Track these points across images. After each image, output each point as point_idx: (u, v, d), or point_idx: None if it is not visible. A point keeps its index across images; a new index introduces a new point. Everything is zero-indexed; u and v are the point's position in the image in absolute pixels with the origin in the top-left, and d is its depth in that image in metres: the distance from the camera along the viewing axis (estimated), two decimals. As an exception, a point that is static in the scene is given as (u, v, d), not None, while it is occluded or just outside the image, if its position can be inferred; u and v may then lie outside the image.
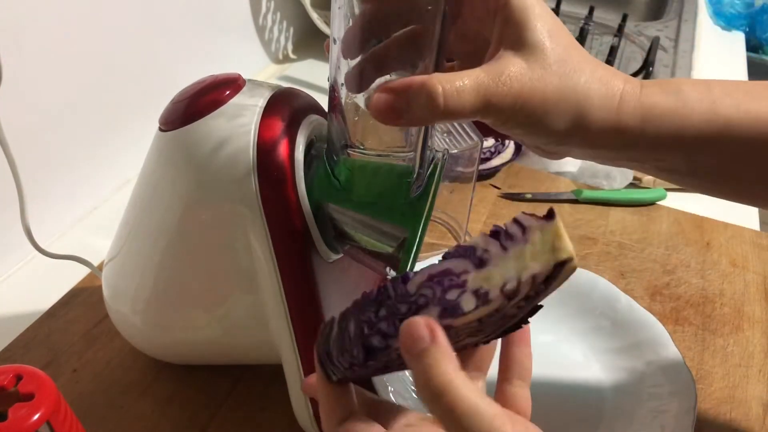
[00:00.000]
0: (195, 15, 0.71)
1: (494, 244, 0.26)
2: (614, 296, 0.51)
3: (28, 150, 0.54)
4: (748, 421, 0.47)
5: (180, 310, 0.40)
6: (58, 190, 0.59)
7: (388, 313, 0.27)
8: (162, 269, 0.39)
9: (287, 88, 0.39)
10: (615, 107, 0.31)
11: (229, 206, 0.36)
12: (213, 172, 0.35)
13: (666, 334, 0.47)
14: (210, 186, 0.36)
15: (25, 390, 0.33)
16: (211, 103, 0.36)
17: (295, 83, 0.86)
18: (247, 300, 0.38)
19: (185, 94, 0.38)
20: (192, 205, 0.37)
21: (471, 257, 0.26)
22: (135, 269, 0.41)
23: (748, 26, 1.23)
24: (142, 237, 0.40)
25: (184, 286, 0.39)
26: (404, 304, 0.27)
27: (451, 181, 0.58)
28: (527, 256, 0.25)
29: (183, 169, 0.37)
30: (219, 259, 0.38)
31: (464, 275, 0.26)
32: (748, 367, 0.51)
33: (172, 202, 0.38)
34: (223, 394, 0.46)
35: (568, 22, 1.10)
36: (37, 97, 0.54)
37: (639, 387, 0.46)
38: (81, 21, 0.55)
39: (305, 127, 0.37)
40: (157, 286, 0.40)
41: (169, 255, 0.39)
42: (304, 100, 0.39)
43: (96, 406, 0.44)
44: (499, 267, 0.25)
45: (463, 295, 0.26)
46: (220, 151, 0.35)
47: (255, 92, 0.37)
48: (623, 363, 0.48)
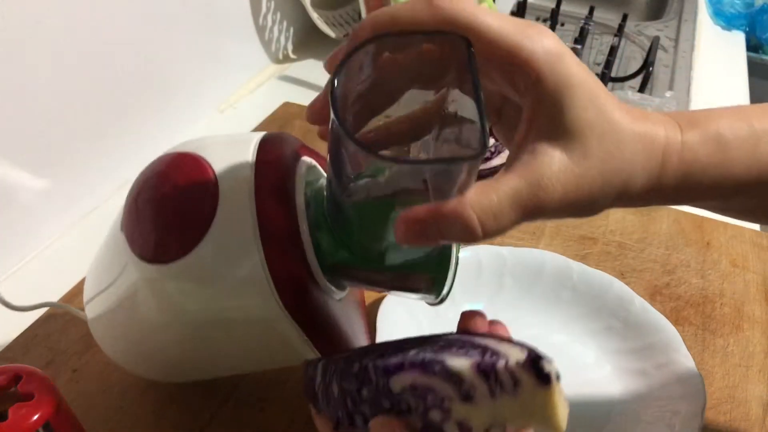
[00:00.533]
0: (195, 15, 0.71)
1: (482, 384, 0.25)
2: (628, 298, 0.51)
3: (27, 150, 0.54)
4: (748, 421, 0.47)
5: (190, 365, 0.39)
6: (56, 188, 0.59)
7: (371, 400, 0.27)
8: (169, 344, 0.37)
9: (264, 154, 0.34)
10: (657, 172, 0.29)
11: (248, 308, 0.34)
12: (225, 286, 0.33)
13: (678, 338, 0.47)
14: (224, 298, 0.34)
15: (25, 390, 0.33)
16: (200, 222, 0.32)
17: (295, 83, 0.86)
18: (264, 350, 0.37)
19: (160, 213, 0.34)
20: (206, 320, 0.35)
21: (457, 386, 0.25)
22: (131, 336, 0.38)
23: (748, 26, 1.23)
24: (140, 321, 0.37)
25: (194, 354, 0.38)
26: (387, 399, 0.26)
27: (451, 181, 0.58)
28: (516, 411, 0.24)
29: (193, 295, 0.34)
30: (240, 341, 0.36)
31: (448, 402, 0.25)
32: (748, 367, 0.51)
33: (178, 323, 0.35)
34: (223, 395, 0.46)
35: (568, 22, 1.10)
36: (36, 97, 0.54)
37: (649, 388, 0.46)
38: (80, 21, 0.55)
39: (300, 183, 0.34)
40: (164, 354, 0.38)
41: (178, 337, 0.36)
42: (288, 158, 0.35)
43: (96, 406, 0.44)
44: (486, 410, 0.25)
45: (446, 421, 0.25)
46: (228, 264, 0.33)
47: (233, 178, 0.33)
48: (634, 365, 0.48)
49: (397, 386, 0.26)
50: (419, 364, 0.26)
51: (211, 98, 0.78)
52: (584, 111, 0.27)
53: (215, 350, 0.37)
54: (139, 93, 0.65)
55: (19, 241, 0.56)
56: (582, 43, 0.94)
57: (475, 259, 0.53)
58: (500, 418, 0.24)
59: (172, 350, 0.37)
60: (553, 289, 0.53)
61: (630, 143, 0.28)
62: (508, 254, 0.54)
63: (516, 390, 0.24)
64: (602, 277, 0.53)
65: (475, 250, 0.54)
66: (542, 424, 0.24)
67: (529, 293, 0.53)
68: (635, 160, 0.28)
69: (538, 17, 1.13)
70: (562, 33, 1.07)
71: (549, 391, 0.24)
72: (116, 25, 0.60)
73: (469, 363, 0.25)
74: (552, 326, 0.52)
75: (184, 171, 0.33)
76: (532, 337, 0.54)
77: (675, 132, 0.29)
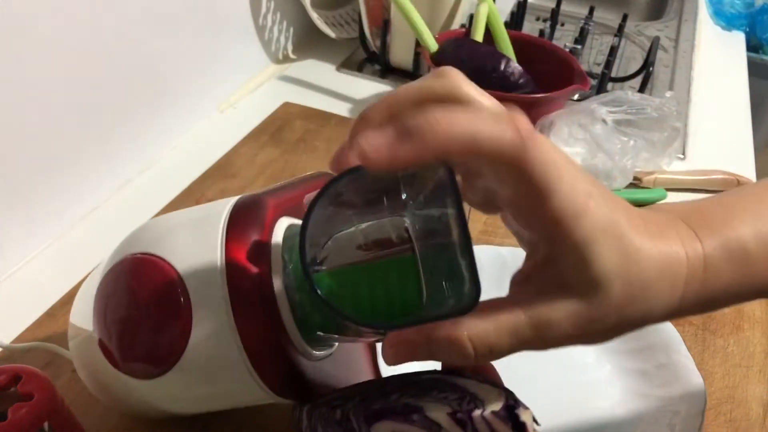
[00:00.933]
0: (195, 15, 0.71)
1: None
2: None
3: (26, 150, 0.54)
4: (748, 421, 0.47)
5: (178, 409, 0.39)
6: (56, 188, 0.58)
7: None
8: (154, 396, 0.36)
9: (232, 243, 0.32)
10: (677, 302, 0.27)
11: (234, 392, 0.34)
12: (212, 384, 0.33)
13: (679, 338, 0.47)
14: (212, 395, 0.35)
15: (25, 390, 0.33)
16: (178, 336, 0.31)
17: (295, 83, 0.86)
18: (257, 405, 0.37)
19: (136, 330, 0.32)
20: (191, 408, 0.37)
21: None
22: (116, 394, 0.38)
23: (748, 26, 1.23)
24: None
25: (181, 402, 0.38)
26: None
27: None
28: None
29: (180, 397, 0.35)
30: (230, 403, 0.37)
31: None
32: (748, 367, 0.51)
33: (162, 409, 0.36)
34: (222, 395, 0.45)
35: (568, 22, 1.10)
36: (36, 97, 0.54)
37: (649, 388, 0.46)
38: (80, 20, 0.55)
39: (278, 267, 0.31)
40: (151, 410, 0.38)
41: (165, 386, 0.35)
42: (257, 235, 0.32)
43: (96, 406, 0.44)
44: None
45: None
46: (212, 367, 0.32)
47: (202, 282, 0.31)
48: (634, 364, 0.48)
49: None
50: (399, 411, 0.26)
51: (211, 98, 0.78)
52: (609, 261, 0.25)
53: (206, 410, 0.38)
54: (139, 93, 0.65)
55: (19, 241, 0.56)
56: (582, 43, 0.94)
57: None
58: None
59: (159, 413, 0.38)
60: (553, 290, 0.53)
61: (655, 282, 0.26)
62: (508, 254, 0.54)
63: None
64: None
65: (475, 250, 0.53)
66: None
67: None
68: (658, 297, 0.26)
69: (538, 17, 1.13)
70: (563, 33, 1.07)
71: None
72: (116, 25, 0.60)
73: (446, 412, 0.25)
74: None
75: (149, 284, 0.32)
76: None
77: (694, 246, 0.27)
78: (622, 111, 0.69)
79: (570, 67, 0.72)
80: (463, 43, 0.71)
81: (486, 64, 0.67)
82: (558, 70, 0.72)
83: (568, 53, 0.75)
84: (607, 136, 0.67)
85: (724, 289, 0.28)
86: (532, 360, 0.49)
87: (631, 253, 0.25)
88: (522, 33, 0.84)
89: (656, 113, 0.69)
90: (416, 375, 0.31)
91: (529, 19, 1.08)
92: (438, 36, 0.74)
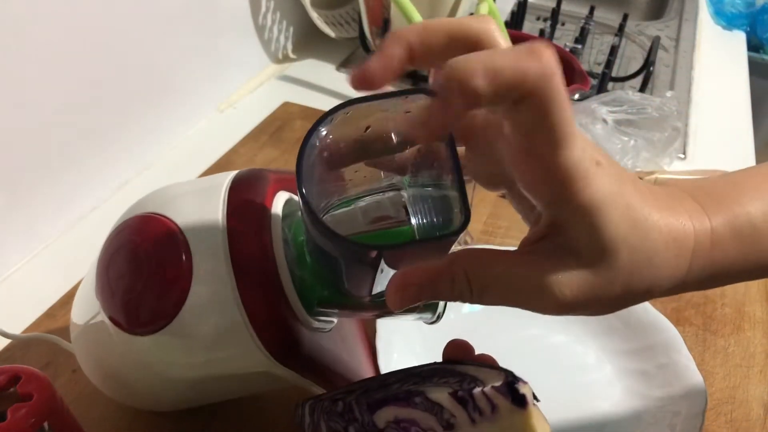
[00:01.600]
0: (195, 15, 0.70)
1: (462, 412, 0.25)
2: None
3: (26, 149, 0.54)
4: (748, 421, 0.47)
5: (179, 401, 0.39)
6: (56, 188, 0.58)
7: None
8: (155, 390, 0.37)
9: (233, 206, 0.33)
10: (683, 276, 0.27)
11: (234, 359, 0.33)
12: (210, 347, 0.32)
13: (679, 338, 0.47)
14: (210, 358, 0.33)
15: (24, 391, 0.33)
16: (178, 290, 0.31)
17: (295, 83, 0.86)
18: (258, 385, 0.37)
19: (136, 283, 0.32)
20: (192, 376, 0.34)
21: (438, 416, 0.26)
22: (120, 379, 0.38)
23: (749, 26, 1.23)
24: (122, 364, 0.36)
25: (185, 393, 0.38)
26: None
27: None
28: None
29: (177, 360, 0.33)
30: (229, 381, 0.36)
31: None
32: (749, 368, 0.51)
33: (164, 379, 0.35)
34: (222, 395, 0.45)
35: (568, 22, 1.10)
36: (35, 97, 0.54)
37: (650, 389, 0.46)
38: (80, 20, 0.55)
39: (277, 228, 0.32)
40: (151, 395, 0.38)
41: (164, 386, 0.36)
42: (259, 203, 0.33)
43: (95, 406, 0.44)
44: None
45: None
46: (210, 326, 0.32)
47: (203, 236, 0.32)
48: (635, 365, 0.48)
49: (381, 421, 0.27)
50: (401, 397, 0.26)
51: (211, 98, 0.78)
52: (617, 228, 0.25)
53: (206, 393, 0.37)
54: (139, 93, 0.65)
55: (18, 241, 0.55)
56: (582, 43, 0.94)
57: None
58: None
59: (159, 394, 0.37)
60: (553, 290, 0.53)
61: (662, 252, 0.26)
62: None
63: (494, 415, 0.25)
64: None
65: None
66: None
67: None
68: (663, 267, 0.26)
69: (538, 17, 1.12)
70: (563, 33, 1.06)
71: (525, 413, 0.24)
72: (116, 25, 0.60)
73: (447, 392, 0.25)
74: (553, 327, 0.51)
75: (152, 239, 0.32)
76: (534, 337, 0.54)
77: (702, 221, 0.27)
78: (622, 111, 0.69)
79: (570, 66, 0.72)
80: (463, 43, 0.71)
81: (486, 64, 0.67)
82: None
83: (569, 53, 0.75)
84: (608, 135, 0.67)
85: (730, 265, 0.27)
86: (533, 360, 0.50)
87: (639, 222, 0.25)
88: (522, 32, 0.84)
89: (657, 113, 0.69)
90: (416, 368, 0.31)
91: (529, 18, 1.07)
92: (438, 36, 0.74)
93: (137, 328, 0.32)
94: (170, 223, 0.32)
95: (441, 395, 0.26)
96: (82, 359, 0.39)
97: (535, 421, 0.24)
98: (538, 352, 0.50)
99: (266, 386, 0.38)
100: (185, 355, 0.33)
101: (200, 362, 0.33)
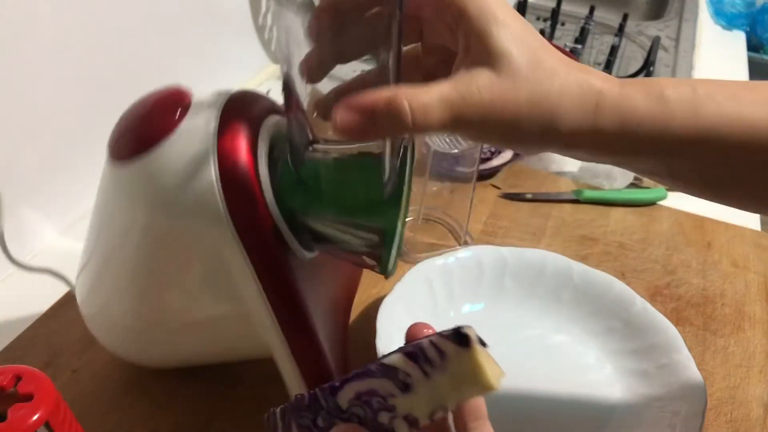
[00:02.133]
0: (194, 15, 0.71)
1: (415, 368, 0.26)
2: (629, 298, 0.51)
3: (26, 149, 0.54)
4: (748, 421, 0.47)
5: (160, 330, 0.40)
6: (57, 189, 0.58)
7: (328, 426, 0.28)
8: (135, 296, 0.38)
9: (238, 94, 0.38)
10: (592, 110, 0.29)
11: (199, 230, 0.34)
12: (177, 199, 0.34)
13: (679, 338, 0.47)
14: (176, 213, 0.34)
15: (25, 390, 0.33)
16: (162, 127, 0.35)
17: (296, 83, 0.85)
18: (229, 311, 0.38)
19: (133, 117, 0.37)
20: (159, 235, 0.35)
21: (394, 380, 0.26)
22: (106, 294, 0.40)
23: (748, 26, 1.23)
24: (109, 265, 0.39)
25: (161, 308, 0.38)
26: (339, 419, 0.27)
27: (452, 182, 0.58)
28: (449, 384, 0.25)
29: (144, 200, 0.35)
30: (195, 280, 0.37)
31: (391, 399, 0.26)
32: (748, 368, 0.51)
33: (137, 233, 0.36)
34: (223, 395, 0.45)
35: (568, 22, 1.10)
36: (35, 96, 0.54)
37: (649, 389, 0.46)
38: (80, 20, 0.55)
39: (265, 131, 0.36)
40: (133, 309, 0.39)
41: (140, 281, 0.38)
42: (258, 104, 0.38)
43: (96, 406, 0.44)
44: (424, 395, 0.26)
45: (394, 420, 0.26)
46: (181, 177, 0.34)
47: (205, 105, 0.36)
48: (635, 365, 0.48)
49: (344, 401, 0.27)
50: (359, 372, 0.27)
51: (211, 98, 0.78)
52: (512, 40, 0.29)
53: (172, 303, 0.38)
54: (139, 92, 0.65)
55: (18, 242, 0.55)
56: (582, 43, 0.94)
57: (475, 259, 0.53)
58: (440, 399, 0.25)
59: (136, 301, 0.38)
60: (554, 290, 0.53)
61: (561, 78, 0.29)
62: (509, 255, 0.54)
63: (444, 362, 0.25)
64: (603, 278, 0.52)
65: (476, 250, 0.53)
66: (475, 387, 0.25)
67: (530, 294, 0.53)
68: (566, 93, 0.29)
69: (538, 17, 1.13)
70: (563, 33, 1.07)
71: (471, 351, 0.25)
72: (116, 25, 0.60)
73: (399, 353, 0.26)
74: (553, 326, 0.51)
75: (168, 93, 0.37)
76: (534, 337, 0.54)
77: (612, 84, 0.30)
78: (622, 111, 0.69)
79: (570, 66, 0.72)
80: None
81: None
82: (558, 69, 0.72)
83: (569, 53, 0.75)
84: (608, 135, 0.67)
85: (640, 121, 0.29)
86: (534, 360, 0.50)
87: (535, 50, 0.29)
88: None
89: (657, 113, 0.69)
90: (380, 357, 0.32)
91: (529, 18, 1.08)
92: (438, 36, 0.74)
93: (123, 151, 0.35)
94: (187, 91, 0.37)
95: (394, 357, 0.26)
96: (81, 297, 0.42)
97: (483, 360, 0.25)
98: (539, 352, 0.50)
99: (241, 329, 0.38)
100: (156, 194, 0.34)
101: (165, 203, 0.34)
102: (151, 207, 0.35)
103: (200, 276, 0.36)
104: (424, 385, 0.26)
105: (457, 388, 0.25)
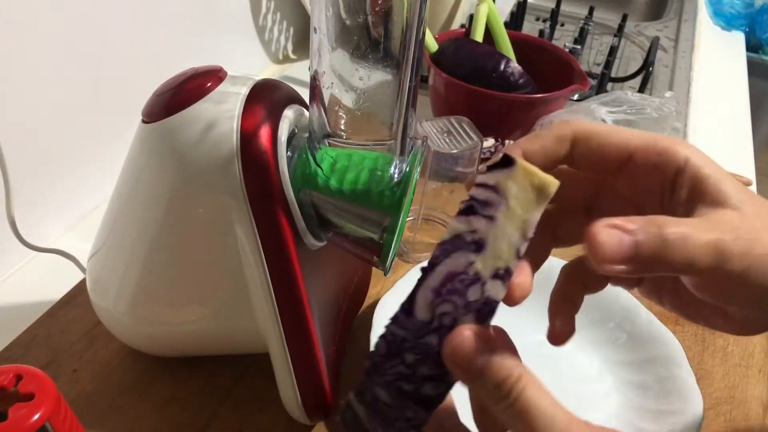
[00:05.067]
0: (195, 15, 0.71)
1: (477, 220, 0.24)
2: (635, 309, 0.51)
3: (24, 149, 0.54)
4: (748, 421, 0.47)
5: (165, 303, 0.41)
6: (56, 189, 0.59)
7: (422, 355, 0.24)
8: (146, 262, 0.39)
9: (268, 79, 0.39)
10: None
11: (214, 195, 0.36)
12: (197, 161, 0.36)
13: (681, 352, 0.47)
14: (194, 176, 0.36)
15: (25, 390, 0.33)
16: (193, 93, 0.37)
17: (295, 83, 0.86)
18: (233, 289, 0.39)
19: (168, 86, 0.38)
20: (176, 196, 0.37)
21: (464, 246, 0.24)
22: (119, 263, 0.41)
23: (747, 26, 1.23)
24: (125, 231, 0.40)
25: (169, 279, 0.40)
26: (430, 335, 0.24)
27: (451, 181, 0.58)
28: (517, 210, 0.23)
29: (167, 159, 0.37)
30: (204, 250, 0.38)
31: (471, 267, 0.24)
32: (748, 367, 0.51)
33: (156, 194, 0.38)
34: (223, 395, 0.46)
35: (568, 22, 1.10)
36: (35, 97, 0.54)
37: (646, 401, 0.46)
38: (80, 20, 0.55)
39: (287, 116, 0.38)
40: (141, 280, 0.40)
41: (153, 247, 0.39)
42: (285, 91, 0.40)
43: (96, 406, 0.44)
44: (500, 238, 0.24)
45: (485, 286, 0.24)
46: (203, 140, 0.36)
47: (237, 82, 0.38)
48: (635, 377, 0.48)
49: (425, 312, 0.24)
50: (424, 273, 0.24)
51: (211, 98, 0.78)
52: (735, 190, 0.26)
53: (176, 268, 0.39)
54: (140, 92, 0.65)
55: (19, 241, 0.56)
56: (582, 44, 0.94)
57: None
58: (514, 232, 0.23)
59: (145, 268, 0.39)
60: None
61: None
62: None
63: (500, 195, 0.24)
64: (609, 288, 0.52)
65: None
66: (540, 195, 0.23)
67: (537, 300, 0.53)
68: None
69: (538, 17, 1.13)
70: (562, 33, 1.07)
71: (519, 164, 0.23)
72: (116, 25, 0.60)
73: (454, 222, 0.24)
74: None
75: (206, 68, 0.39)
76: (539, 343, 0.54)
77: None
78: (621, 111, 0.69)
79: (570, 67, 0.72)
80: (462, 44, 0.71)
81: (486, 65, 0.67)
82: (558, 70, 0.73)
83: (568, 53, 0.75)
84: (607, 136, 0.67)
85: None
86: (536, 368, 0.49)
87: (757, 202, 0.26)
88: (522, 33, 0.84)
89: (656, 113, 0.69)
90: None
91: (528, 19, 1.08)
92: (438, 36, 0.74)
93: (154, 113, 0.38)
94: (223, 69, 0.39)
95: (451, 226, 0.24)
96: (92, 281, 0.44)
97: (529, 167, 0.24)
98: (542, 359, 0.50)
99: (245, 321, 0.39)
100: (180, 150, 0.36)
101: (190, 168, 0.36)
102: (173, 166, 0.37)
103: (209, 246, 0.38)
104: (494, 229, 0.23)
105: (525, 207, 0.23)
